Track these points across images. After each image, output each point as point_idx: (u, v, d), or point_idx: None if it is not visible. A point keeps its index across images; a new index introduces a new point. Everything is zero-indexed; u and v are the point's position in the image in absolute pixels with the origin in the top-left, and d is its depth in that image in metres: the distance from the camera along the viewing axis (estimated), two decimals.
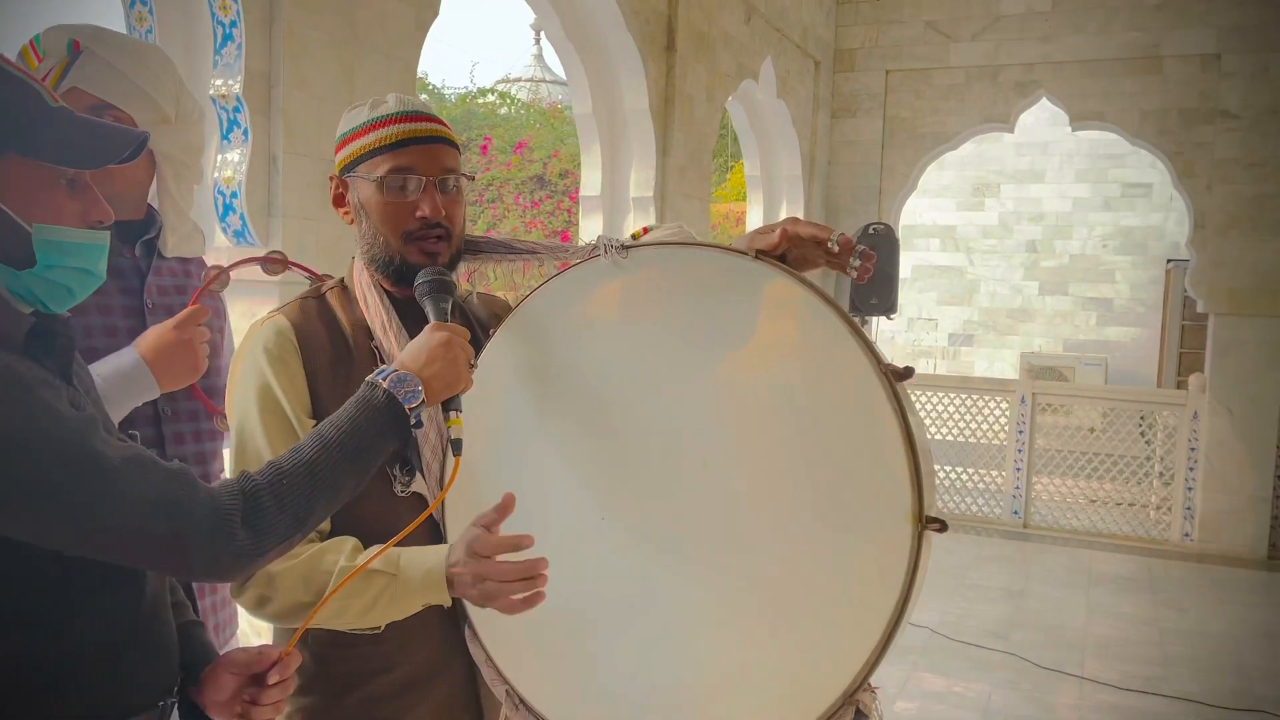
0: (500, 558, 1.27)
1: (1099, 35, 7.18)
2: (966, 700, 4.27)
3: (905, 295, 12.70)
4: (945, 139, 7.76)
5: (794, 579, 1.32)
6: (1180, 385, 9.10)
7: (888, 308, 7.48)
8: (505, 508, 1.29)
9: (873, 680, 1.30)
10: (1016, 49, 7.40)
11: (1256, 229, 6.80)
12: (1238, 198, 6.83)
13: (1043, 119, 10.65)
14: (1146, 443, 7.61)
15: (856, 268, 1.36)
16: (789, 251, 1.38)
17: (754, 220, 7.60)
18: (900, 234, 12.22)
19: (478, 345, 1.46)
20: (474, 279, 1.67)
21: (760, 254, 1.35)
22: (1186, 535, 7.09)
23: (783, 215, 7.52)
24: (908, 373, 1.30)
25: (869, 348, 1.28)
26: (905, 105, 7.79)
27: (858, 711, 1.25)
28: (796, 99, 7.18)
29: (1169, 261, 11.39)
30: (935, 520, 1.23)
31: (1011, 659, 4.75)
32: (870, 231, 7.40)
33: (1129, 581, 6.25)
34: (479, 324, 1.59)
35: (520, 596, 1.26)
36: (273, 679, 1.22)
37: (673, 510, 1.39)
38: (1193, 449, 7.10)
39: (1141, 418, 7.60)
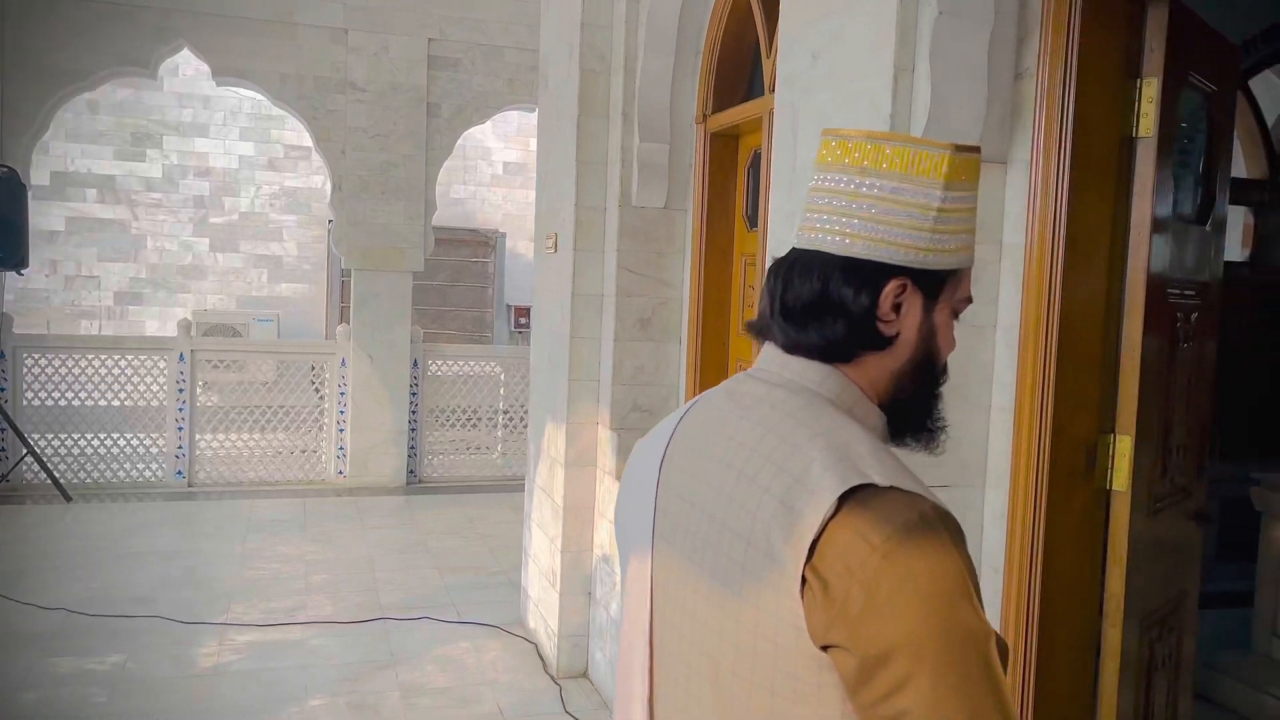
0: None
1: None
2: (98, 675, 4.03)
3: (60, 250, 11.48)
4: (80, 78, 7.10)
5: None
6: None
7: (17, 262, 6.63)
8: None
9: None
10: None
11: (384, 193, 7.62)
12: (368, 164, 7.57)
13: (204, 71, 10.43)
14: (316, 391, 8.07)
15: None
16: None
17: None
18: (49, 181, 10.97)
19: None
20: None
21: None
22: (340, 472, 7.74)
23: None
24: None
25: None
26: (29, 33, 6.91)
27: None
28: None
29: (330, 221, 12.19)
30: None
31: (155, 621, 4.63)
32: None
33: (285, 523, 6.57)
34: None
35: None
36: None
37: None
38: (343, 393, 7.76)
39: (313, 368, 8.02)
